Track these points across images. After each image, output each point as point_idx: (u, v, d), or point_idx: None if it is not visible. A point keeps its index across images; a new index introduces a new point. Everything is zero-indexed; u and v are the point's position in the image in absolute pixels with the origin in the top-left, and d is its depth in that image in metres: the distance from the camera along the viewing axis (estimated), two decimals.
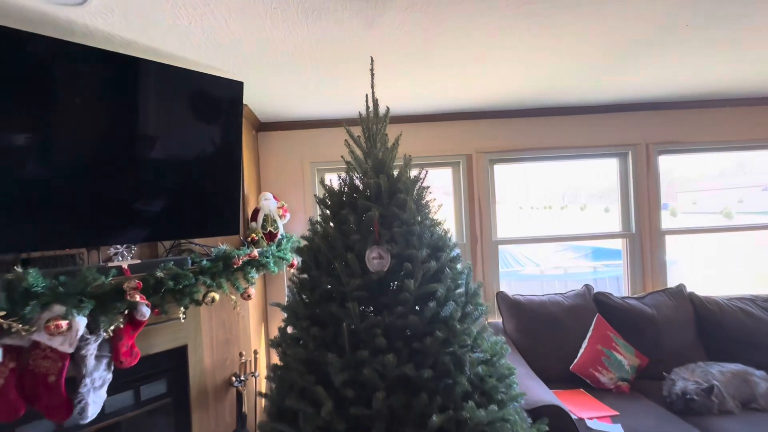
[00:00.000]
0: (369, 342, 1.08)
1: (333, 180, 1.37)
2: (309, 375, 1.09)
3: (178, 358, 1.81)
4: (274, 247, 1.99)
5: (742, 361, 1.99)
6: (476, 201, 2.43)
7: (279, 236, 2.12)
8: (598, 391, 1.98)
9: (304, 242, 1.34)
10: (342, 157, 1.41)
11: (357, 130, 1.38)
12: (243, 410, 1.99)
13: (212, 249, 1.79)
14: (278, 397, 1.18)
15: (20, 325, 1.20)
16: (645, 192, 2.49)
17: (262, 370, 2.31)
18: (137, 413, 1.70)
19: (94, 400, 1.42)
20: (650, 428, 1.64)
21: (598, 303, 2.26)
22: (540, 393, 1.58)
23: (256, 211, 2.12)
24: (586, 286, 2.35)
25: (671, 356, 2.11)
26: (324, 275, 1.18)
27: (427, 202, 1.33)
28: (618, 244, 2.67)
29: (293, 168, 2.42)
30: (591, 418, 1.70)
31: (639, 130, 2.47)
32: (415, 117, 2.38)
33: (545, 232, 2.67)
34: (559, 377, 2.02)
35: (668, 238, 2.51)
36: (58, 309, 1.29)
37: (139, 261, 1.61)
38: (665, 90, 2.24)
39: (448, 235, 1.31)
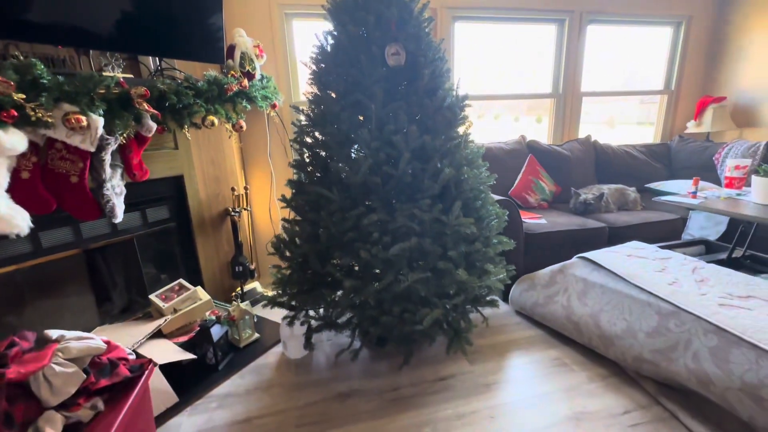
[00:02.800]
0: (392, 121, 1.33)
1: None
2: (344, 149, 1.33)
3: (175, 187, 1.90)
4: (258, 83, 2.02)
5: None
6: None
7: (257, 76, 2.13)
8: (526, 208, 2.60)
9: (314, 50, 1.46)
10: None
11: None
12: (239, 240, 2.20)
13: (203, 75, 1.76)
14: (313, 173, 1.42)
15: (42, 112, 1.19)
16: (573, 58, 2.93)
17: (252, 207, 2.49)
18: (147, 232, 1.81)
19: (118, 204, 1.51)
20: (563, 221, 2.28)
21: (531, 148, 2.79)
22: (494, 196, 2.07)
23: (231, 48, 2.05)
24: (522, 135, 2.85)
25: (576, 185, 2.78)
26: (347, 69, 1.34)
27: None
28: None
29: (259, 11, 2.30)
30: (525, 219, 2.29)
31: None
32: None
33: (490, 91, 3.03)
34: None
35: (584, 99, 3.07)
36: (67, 107, 1.28)
37: (131, 76, 1.56)
38: None
39: (441, 45, 1.53)
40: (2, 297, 1.45)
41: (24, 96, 1.15)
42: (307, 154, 1.48)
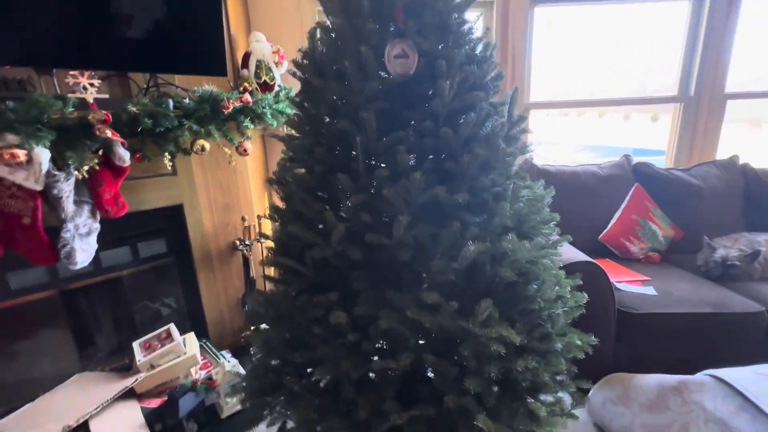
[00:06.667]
0: (390, 162, 0.85)
1: None
2: (316, 203, 0.90)
3: (174, 217, 1.66)
4: (270, 97, 1.69)
5: None
6: (510, 51, 2.01)
7: (276, 88, 1.81)
8: (625, 260, 1.86)
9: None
10: None
11: None
12: (251, 275, 1.92)
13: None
14: (282, 234, 1.01)
15: None
16: (717, 45, 2.05)
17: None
18: (138, 270, 1.61)
19: (82, 247, 1.29)
20: (685, 291, 1.52)
21: (638, 173, 2.01)
22: (573, 252, 1.43)
23: (246, 56, 1.76)
24: (626, 156, 2.09)
25: (710, 230, 1.92)
26: (331, 82, 0.90)
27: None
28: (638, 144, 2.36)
29: (289, 7, 1.98)
30: (620, 282, 1.59)
31: None
32: None
33: (589, 91, 2.30)
34: (583, 247, 1.87)
35: (730, 103, 2.15)
36: (11, 138, 1.07)
37: (107, 96, 1.34)
38: None
39: (491, 44, 0.98)
40: None
41: None
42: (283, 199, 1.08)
